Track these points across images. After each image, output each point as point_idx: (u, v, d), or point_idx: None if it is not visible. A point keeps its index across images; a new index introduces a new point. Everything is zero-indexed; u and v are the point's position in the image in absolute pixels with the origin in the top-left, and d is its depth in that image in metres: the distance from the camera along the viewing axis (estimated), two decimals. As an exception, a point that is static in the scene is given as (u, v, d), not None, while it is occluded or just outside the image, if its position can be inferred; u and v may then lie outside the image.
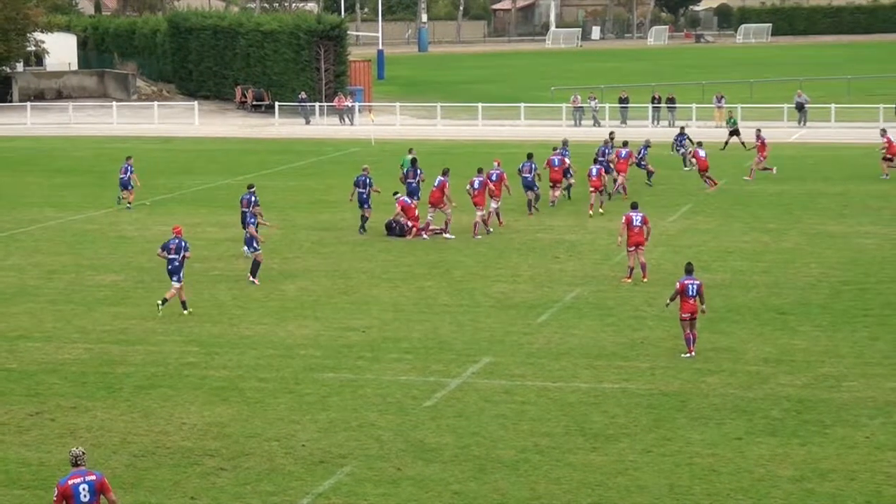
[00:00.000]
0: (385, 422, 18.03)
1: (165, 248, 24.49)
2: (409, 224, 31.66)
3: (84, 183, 43.72)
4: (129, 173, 37.04)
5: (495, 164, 34.04)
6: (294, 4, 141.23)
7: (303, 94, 64.51)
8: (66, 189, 42.24)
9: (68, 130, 61.93)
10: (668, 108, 60.10)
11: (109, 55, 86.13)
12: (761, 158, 42.21)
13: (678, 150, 43.66)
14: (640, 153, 40.19)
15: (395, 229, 32.11)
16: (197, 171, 46.11)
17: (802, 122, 58.21)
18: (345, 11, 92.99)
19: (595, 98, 61.71)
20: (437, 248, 30.57)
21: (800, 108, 58.86)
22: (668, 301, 21.48)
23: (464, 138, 56.60)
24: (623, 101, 61.22)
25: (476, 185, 31.75)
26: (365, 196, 32.22)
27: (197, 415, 18.46)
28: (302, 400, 19.10)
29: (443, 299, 25.47)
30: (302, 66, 67.85)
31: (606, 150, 38.17)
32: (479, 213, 31.79)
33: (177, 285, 24.36)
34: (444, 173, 31.73)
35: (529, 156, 35.88)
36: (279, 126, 62.96)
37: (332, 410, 18.59)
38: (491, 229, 32.27)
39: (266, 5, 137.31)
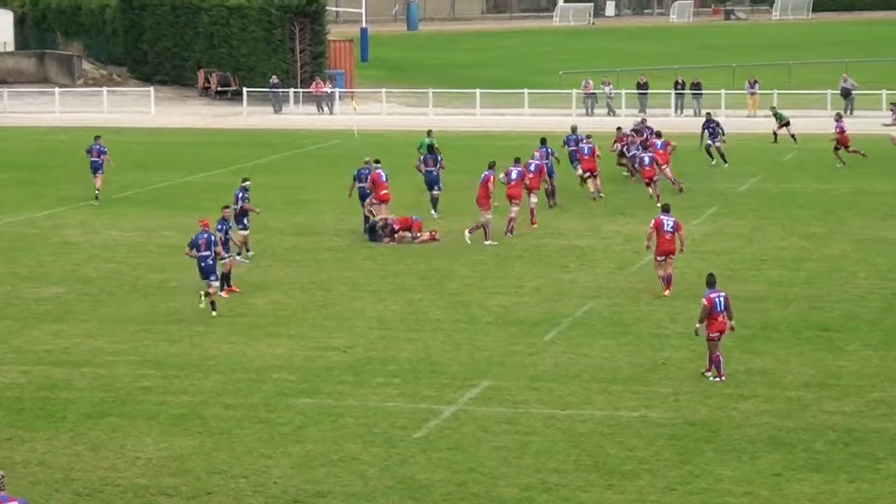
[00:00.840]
0: (369, 455, 18.02)
1: (194, 245, 25.57)
2: (407, 235, 31.63)
3: (22, 180, 43.70)
4: (102, 155, 37.87)
5: (536, 154, 34.72)
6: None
7: (274, 79, 64.50)
8: (1, 187, 42.21)
9: (3, 120, 61.94)
10: (693, 94, 60.21)
11: (51, 34, 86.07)
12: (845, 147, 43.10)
13: (713, 141, 43.41)
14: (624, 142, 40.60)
15: (378, 233, 32.09)
16: (153, 167, 46.09)
17: (849, 111, 58.29)
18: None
19: (609, 83, 61.81)
20: (428, 256, 30.58)
21: (845, 94, 58.98)
22: (697, 325, 21.24)
23: (460, 129, 56.61)
24: (642, 86, 61.34)
25: (514, 177, 32.15)
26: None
27: (152, 447, 18.44)
28: (274, 430, 19.09)
29: (435, 314, 25.46)
30: (274, 47, 67.91)
31: (573, 141, 38.87)
32: (514, 209, 32.19)
33: (216, 284, 25.38)
34: (490, 167, 31.93)
35: (543, 140, 36.49)
36: (248, 115, 62.99)
37: (309, 442, 18.58)
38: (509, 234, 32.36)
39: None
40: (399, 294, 27.05)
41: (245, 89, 65.31)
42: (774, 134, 48.76)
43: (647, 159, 36.45)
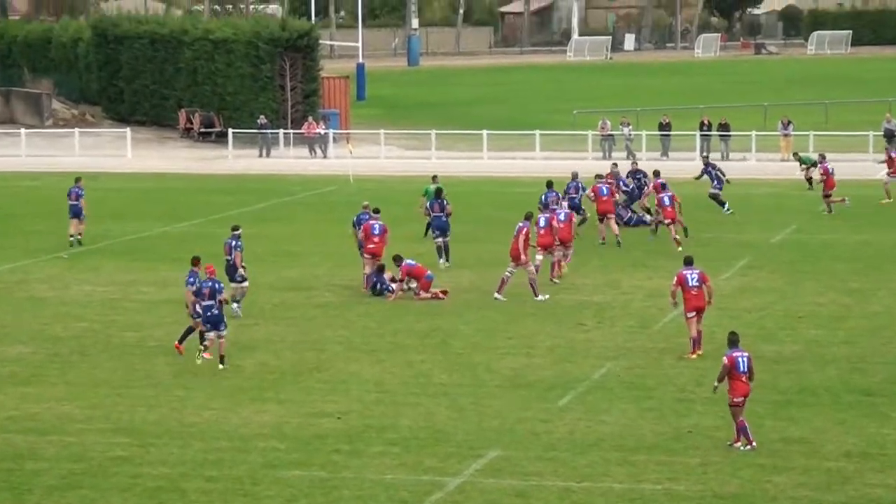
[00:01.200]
0: (366, 533, 18.03)
1: (198, 294, 26.32)
2: (413, 287, 31.82)
3: (-15, 230, 43.82)
4: (80, 199, 39.09)
5: (550, 197, 36.27)
6: (252, 7, 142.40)
7: (262, 119, 64.80)
8: (-36, 238, 42.34)
9: (-34, 164, 62.17)
10: (720, 136, 60.41)
11: (18, 70, 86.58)
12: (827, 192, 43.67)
13: (718, 187, 43.49)
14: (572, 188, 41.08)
15: (378, 288, 32.24)
16: (129, 216, 46.26)
17: (894, 154, 58.34)
18: (316, 16, 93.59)
19: (629, 124, 62.07)
20: (430, 314, 30.64)
21: (889, 136, 59.10)
22: (716, 383, 21.45)
23: (465, 174, 56.77)
24: (664, 127, 61.60)
25: (541, 224, 32.90)
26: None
27: (127, 524, 18.44)
28: (260, 505, 19.06)
29: (438, 377, 25.48)
30: (262, 84, 68.21)
31: (573, 188, 39.92)
32: (556, 253, 33.35)
33: (224, 333, 26.15)
34: (527, 217, 32.25)
35: (549, 184, 37.45)
36: (234, 159, 63.26)
37: (299, 518, 18.58)
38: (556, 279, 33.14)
39: (217, 7, 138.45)
40: (399, 355, 27.08)
41: (231, 130, 65.53)
42: (808, 180, 48.89)
43: (666, 199, 37.34)
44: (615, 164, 44.11)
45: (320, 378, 25.54)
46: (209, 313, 26.15)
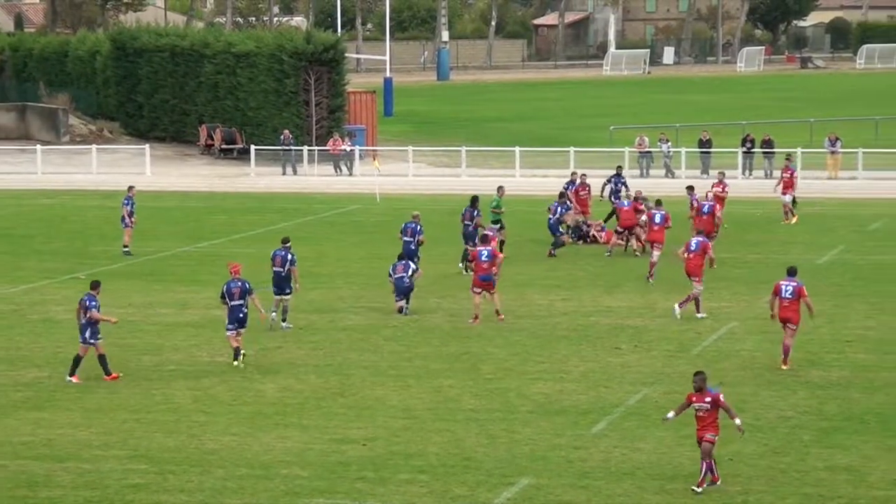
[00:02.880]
0: (392, 563, 18.10)
1: (227, 294, 27.81)
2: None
3: None
4: (133, 206, 42.01)
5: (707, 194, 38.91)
6: (276, 19, 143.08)
7: (286, 134, 65.07)
8: (-23, 258, 42.67)
9: (-20, 182, 62.64)
10: (764, 153, 60.31)
11: (34, 84, 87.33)
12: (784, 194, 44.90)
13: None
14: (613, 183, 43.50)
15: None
16: (148, 236, 46.48)
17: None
18: (342, 28, 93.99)
19: (667, 140, 62.06)
20: (459, 337, 30.73)
21: (940, 152, 58.95)
22: (671, 414, 21.32)
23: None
24: (704, 143, 61.54)
25: (658, 220, 34.40)
26: (413, 247, 35.15)
27: (144, 553, 18.57)
28: (282, 534, 19.23)
29: (468, 403, 25.54)
30: (286, 100, 68.52)
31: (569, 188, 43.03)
32: (656, 253, 34.56)
33: (242, 331, 27.73)
34: (698, 231, 33.97)
35: (563, 194, 40.59)
36: (256, 177, 63.54)
37: (323, 548, 18.70)
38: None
39: (240, 20, 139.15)
40: (426, 380, 27.16)
41: (253, 147, 65.82)
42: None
43: (706, 207, 38.96)
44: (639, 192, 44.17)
45: (345, 403, 25.63)
46: (240, 314, 27.76)
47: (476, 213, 38.16)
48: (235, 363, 27.88)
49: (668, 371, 27.59)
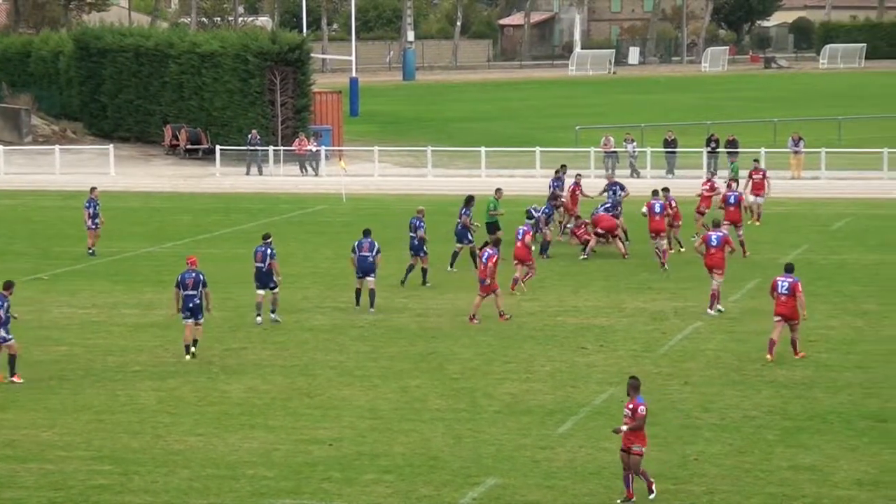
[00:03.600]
0: (358, 564, 18.09)
1: (181, 283, 28.63)
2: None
3: (-37, 251, 43.91)
4: (96, 208, 41.86)
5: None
6: (241, 19, 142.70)
7: (254, 134, 64.90)
8: (-60, 259, 42.42)
9: (-58, 183, 62.29)
10: (728, 153, 60.56)
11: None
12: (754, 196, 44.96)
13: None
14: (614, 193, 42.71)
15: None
16: (112, 236, 46.28)
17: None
18: (307, 28, 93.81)
19: (633, 140, 62.23)
20: (426, 337, 30.74)
21: (904, 153, 59.28)
22: (619, 428, 20.61)
23: (462, 193, 56.81)
24: (670, 143, 61.75)
25: (714, 242, 32.57)
26: (416, 242, 35.86)
27: (109, 555, 18.51)
28: (248, 535, 19.19)
29: (434, 403, 25.55)
30: (251, 100, 68.40)
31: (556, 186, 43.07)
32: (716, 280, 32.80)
33: (201, 322, 28.50)
34: (716, 225, 33.85)
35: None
36: (221, 177, 63.39)
37: (289, 549, 18.67)
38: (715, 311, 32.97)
39: (205, 20, 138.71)
40: (393, 380, 27.16)
41: (218, 147, 65.66)
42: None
43: (732, 198, 39.79)
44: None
45: (311, 403, 25.61)
46: (190, 304, 28.42)
47: (465, 211, 38.13)
48: (187, 357, 28.48)
49: (634, 370, 27.61)
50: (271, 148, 64.97)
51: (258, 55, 68.05)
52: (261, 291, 31.86)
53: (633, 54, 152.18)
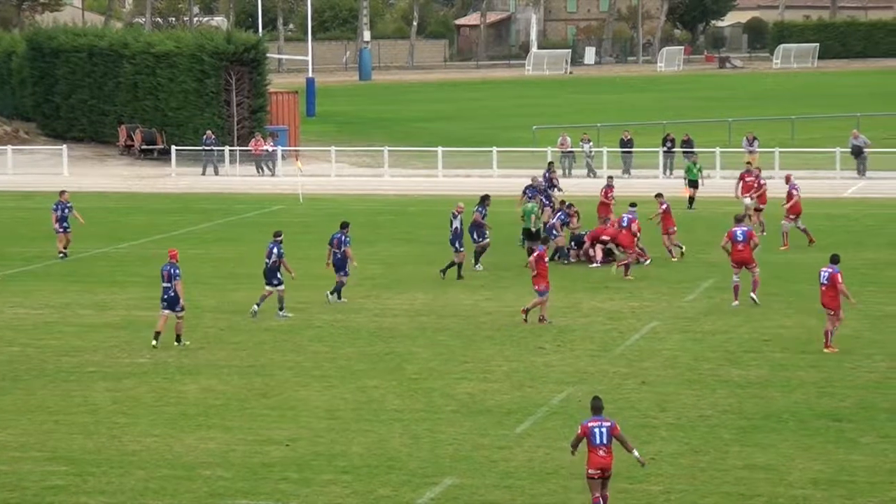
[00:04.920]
0: (316, 565, 18.05)
1: (162, 275, 29.64)
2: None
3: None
4: (65, 211, 41.30)
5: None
6: (196, 19, 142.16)
7: (209, 134, 64.65)
8: None
9: None
10: (684, 152, 60.79)
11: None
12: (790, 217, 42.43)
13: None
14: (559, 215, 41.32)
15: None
16: (66, 236, 46.05)
17: (861, 172, 59.10)
18: (263, 28, 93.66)
19: (589, 140, 62.44)
20: (384, 337, 30.71)
21: (857, 153, 59.76)
22: (572, 449, 19.71)
23: (419, 192, 57.00)
24: (626, 143, 61.98)
25: (740, 238, 33.01)
26: (452, 237, 36.51)
27: (65, 557, 18.41)
28: (205, 537, 19.13)
29: (392, 403, 25.53)
30: (207, 100, 68.17)
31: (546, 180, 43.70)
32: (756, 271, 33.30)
33: (181, 314, 29.42)
34: (738, 220, 33.82)
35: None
36: (177, 177, 63.14)
37: (246, 550, 18.62)
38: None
39: (159, 20, 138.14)
40: (350, 380, 27.12)
41: (174, 147, 65.41)
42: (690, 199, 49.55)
43: (624, 220, 38.46)
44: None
45: (268, 404, 25.53)
46: (166, 295, 29.40)
47: (480, 210, 37.99)
48: (153, 343, 29.37)
49: (591, 370, 27.75)
50: (227, 148, 64.80)
51: (214, 55, 67.86)
52: (268, 287, 32.38)
53: (590, 54, 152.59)
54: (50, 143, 73.18)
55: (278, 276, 32.24)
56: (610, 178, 44.74)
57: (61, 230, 41.44)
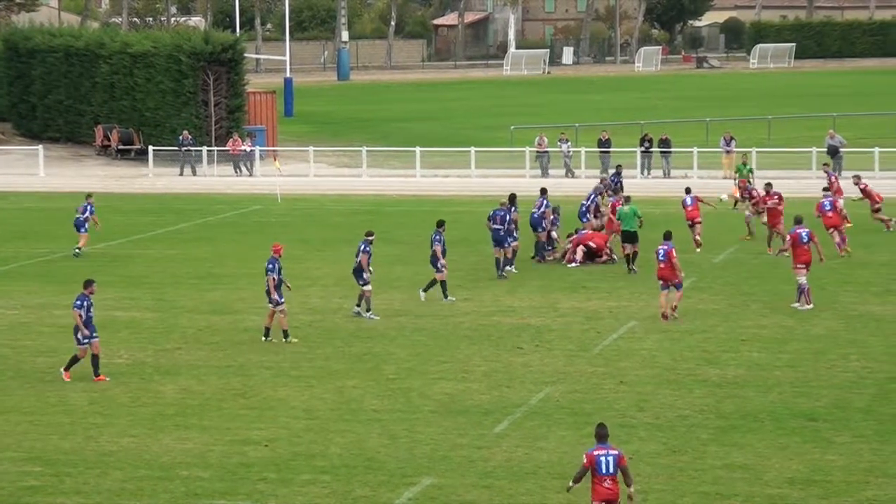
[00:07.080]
0: (294, 565, 18.05)
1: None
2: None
3: None
4: (87, 213, 41.30)
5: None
6: (173, 19, 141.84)
7: (185, 135, 64.53)
8: None
9: None
10: (661, 152, 60.98)
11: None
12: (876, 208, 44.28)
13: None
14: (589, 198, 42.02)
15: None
16: (42, 237, 45.96)
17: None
18: (241, 28, 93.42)
19: (567, 140, 62.48)
20: (362, 338, 30.70)
21: (833, 152, 59.94)
22: (570, 483, 18.71)
23: (397, 193, 56.97)
24: (604, 143, 62.07)
25: (805, 239, 33.31)
26: (502, 234, 36.36)
27: (42, 559, 18.36)
28: (183, 537, 19.11)
29: (370, 403, 25.53)
30: (184, 100, 68.02)
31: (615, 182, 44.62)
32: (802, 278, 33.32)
33: (275, 308, 29.92)
34: (797, 221, 33.86)
35: (543, 191, 39.77)
36: (154, 177, 62.99)
37: (224, 551, 18.60)
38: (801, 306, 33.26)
39: (136, 20, 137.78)
40: (329, 380, 27.11)
41: (151, 148, 65.26)
42: (736, 202, 49.22)
43: (827, 204, 39.83)
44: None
45: (246, 404, 25.51)
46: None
47: (514, 210, 37.67)
48: (285, 340, 29.89)
49: (569, 370, 27.79)
50: (205, 148, 64.67)
51: (191, 55, 67.72)
52: (362, 286, 32.19)
53: (567, 54, 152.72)
54: (26, 144, 72.96)
55: (364, 276, 31.99)
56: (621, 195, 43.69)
57: (83, 230, 41.45)
